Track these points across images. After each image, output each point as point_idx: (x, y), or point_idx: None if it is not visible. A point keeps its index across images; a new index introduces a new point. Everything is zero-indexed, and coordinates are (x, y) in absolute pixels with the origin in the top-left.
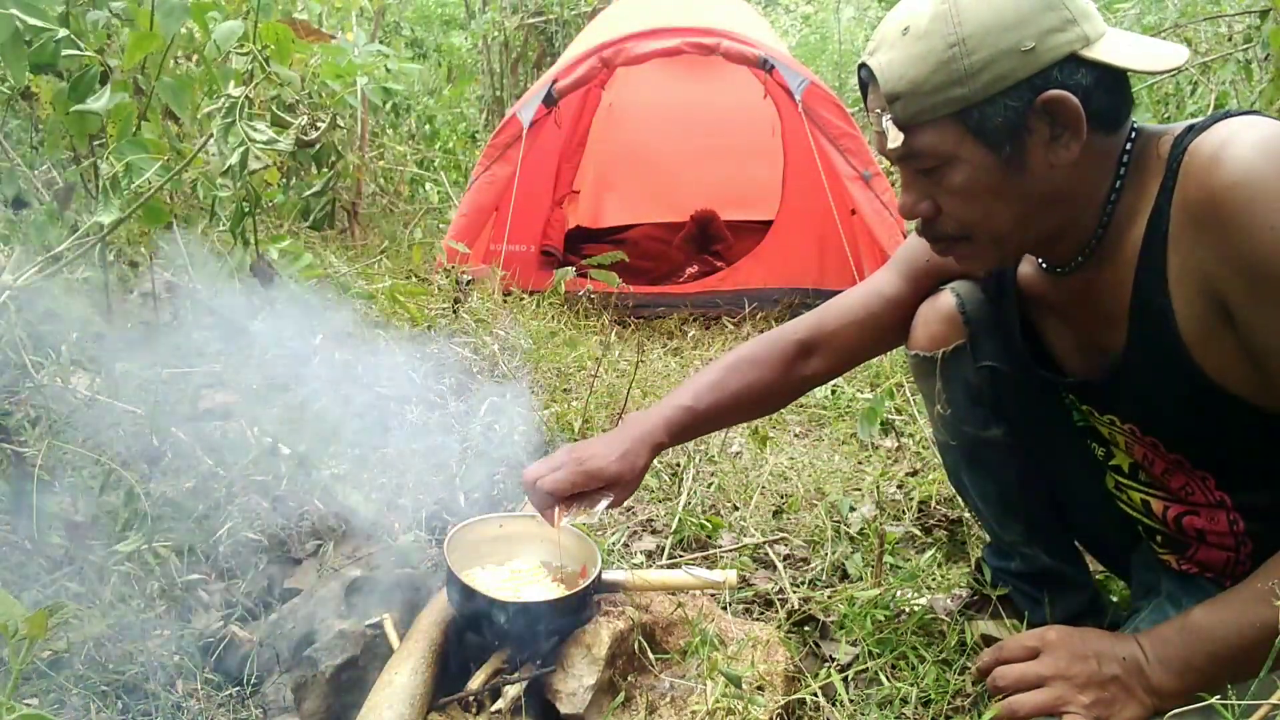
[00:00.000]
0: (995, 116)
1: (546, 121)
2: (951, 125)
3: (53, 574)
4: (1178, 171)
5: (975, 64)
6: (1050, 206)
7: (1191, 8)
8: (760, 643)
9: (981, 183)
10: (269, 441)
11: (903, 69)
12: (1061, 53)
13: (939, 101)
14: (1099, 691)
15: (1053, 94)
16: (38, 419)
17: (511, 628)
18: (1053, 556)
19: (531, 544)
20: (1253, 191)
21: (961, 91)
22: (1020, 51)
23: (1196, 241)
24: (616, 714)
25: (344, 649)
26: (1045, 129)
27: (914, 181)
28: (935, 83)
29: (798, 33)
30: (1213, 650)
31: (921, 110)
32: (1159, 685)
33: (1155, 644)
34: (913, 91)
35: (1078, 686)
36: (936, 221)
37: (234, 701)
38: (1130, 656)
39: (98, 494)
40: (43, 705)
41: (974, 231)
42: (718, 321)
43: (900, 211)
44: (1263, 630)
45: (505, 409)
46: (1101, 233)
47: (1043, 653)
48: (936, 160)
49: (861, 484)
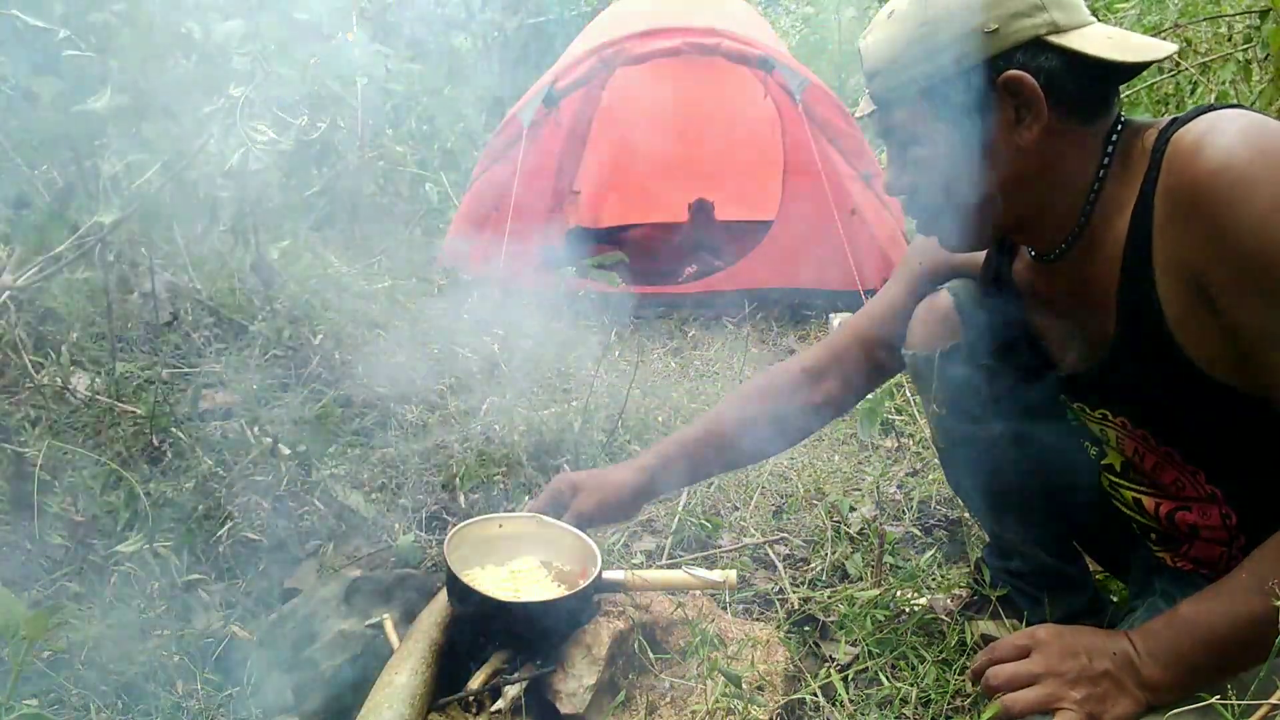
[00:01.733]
0: (958, 95)
1: (546, 121)
2: (919, 102)
3: (53, 574)
4: (1161, 163)
5: (939, 42)
6: (1021, 188)
7: (1191, 8)
8: (760, 643)
9: (947, 158)
10: (269, 441)
11: (880, 48)
12: (1025, 36)
13: (907, 79)
14: (1090, 687)
15: (1011, 74)
16: (38, 419)
17: (511, 628)
18: (1052, 556)
19: (531, 544)
20: (1233, 177)
21: (926, 69)
22: (984, 33)
23: (1180, 229)
24: (616, 714)
25: (344, 649)
26: (1010, 110)
27: (895, 158)
28: (905, 60)
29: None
30: (1202, 642)
31: (893, 87)
32: (1150, 678)
33: (1145, 638)
34: (887, 69)
35: (1069, 683)
36: (915, 196)
37: (234, 701)
38: (1121, 651)
39: (98, 494)
40: (43, 705)
41: (948, 207)
42: (718, 321)
43: (885, 188)
44: (1252, 621)
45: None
46: (1085, 221)
47: (1034, 651)
48: (907, 136)
49: (861, 484)
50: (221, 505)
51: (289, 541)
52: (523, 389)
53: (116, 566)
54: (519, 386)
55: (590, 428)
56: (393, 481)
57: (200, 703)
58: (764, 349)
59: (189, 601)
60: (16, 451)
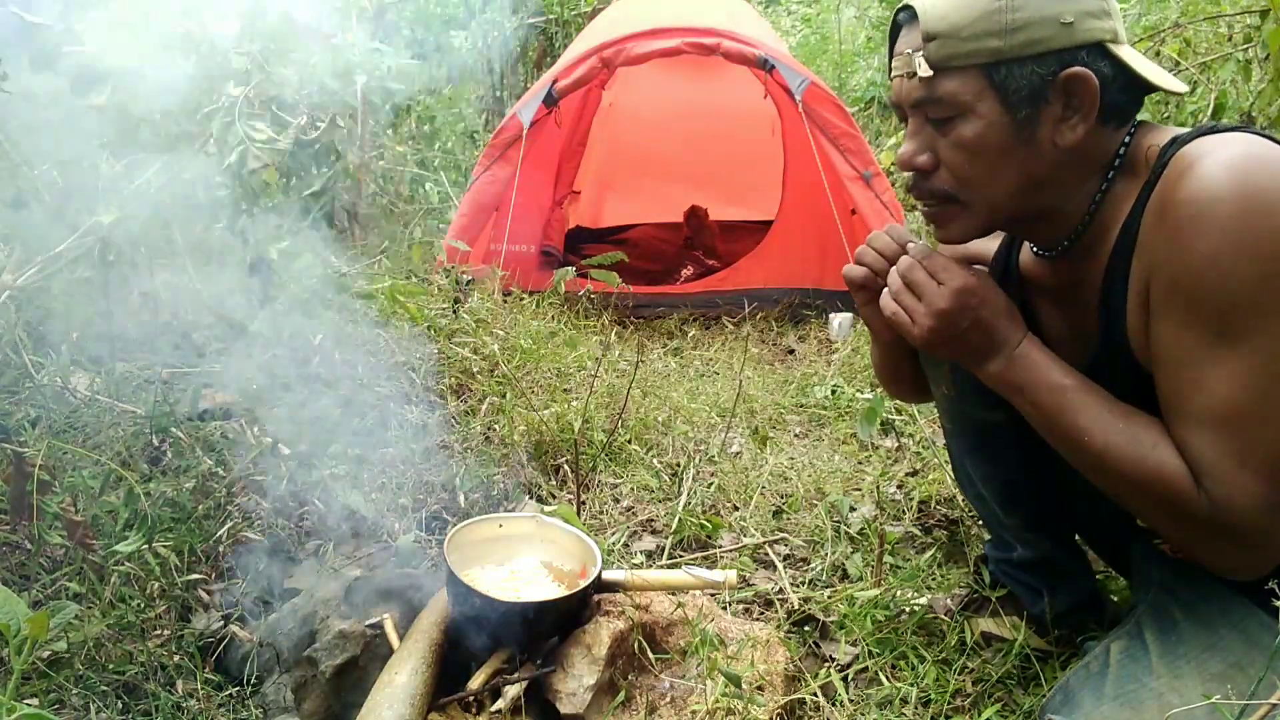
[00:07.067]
0: (1020, 78)
1: (546, 121)
2: (977, 76)
3: (53, 574)
4: (1156, 183)
5: (1016, 21)
6: (1043, 185)
7: (1191, 8)
8: (760, 643)
9: (990, 141)
10: (269, 441)
11: (946, 9)
12: (1094, 36)
13: (973, 50)
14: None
15: (1077, 70)
16: (38, 419)
17: (511, 627)
18: (1054, 545)
19: (531, 544)
20: (1200, 208)
21: (996, 44)
22: (1060, 22)
23: (1151, 245)
24: (616, 714)
25: (344, 649)
26: (1059, 105)
27: (920, 131)
28: (974, 30)
29: (798, 33)
30: (1049, 402)
31: (954, 54)
32: (992, 368)
33: (1027, 363)
34: (951, 34)
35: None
36: (932, 176)
37: (234, 701)
38: (1002, 339)
39: (98, 494)
40: (43, 705)
41: (967, 192)
42: (718, 321)
43: (899, 160)
44: (1078, 436)
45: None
46: (1089, 221)
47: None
48: (953, 110)
49: (861, 484)
50: (221, 505)
51: (289, 541)
52: (523, 389)
53: (116, 566)
54: (519, 386)
55: (590, 428)
56: (393, 481)
57: (200, 703)
58: (764, 349)
59: (189, 601)
60: (16, 451)
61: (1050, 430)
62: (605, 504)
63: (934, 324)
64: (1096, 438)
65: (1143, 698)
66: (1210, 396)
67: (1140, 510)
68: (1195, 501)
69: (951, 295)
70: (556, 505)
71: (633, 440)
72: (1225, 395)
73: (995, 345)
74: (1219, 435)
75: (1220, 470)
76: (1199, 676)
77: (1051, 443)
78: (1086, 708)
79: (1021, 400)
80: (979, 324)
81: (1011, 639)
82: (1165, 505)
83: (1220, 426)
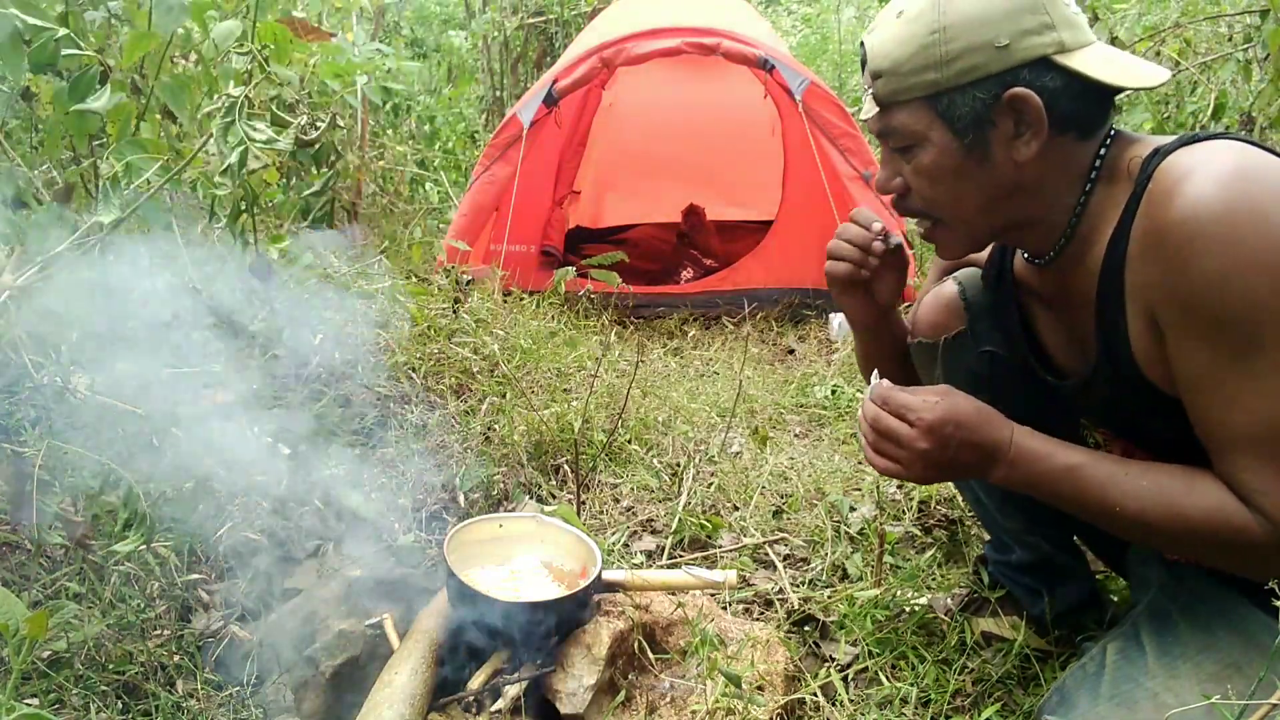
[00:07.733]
0: (963, 105)
1: (546, 121)
2: (923, 108)
3: (52, 574)
4: (1142, 196)
5: (950, 52)
6: (1014, 199)
7: (1191, 8)
8: (760, 643)
9: (945, 166)
10: (268, 441)
11: (887, 48)
12: (1034, 54)
13: (914, 84)
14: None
15: (1017, 91)
16: (38, 419)
17: (511, 627)
18: (1053, 546)
19: (531, 544)
20: (1197, 229)
21: (934, 76)
22: (995, 47)
23: (1146, 265)
24: (616, 714)
25: (344, 649)
26: (1009, 124)
27: (890, 158)
28: (913, 65)
29: (798, 33)
30: (1059, 491)
31: (898, 90)
32: (997, 478)
33: (1020, 462)
34: (893, 70)
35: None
36: (906, 198)
37: (234, 701)
38: (991, 453)
39: (98, 494)
40: (43, 705)
41: (939, 212)
42: (718, 321)
43: (876, 185)
44: (1104, 508)
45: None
46: (1072, 232)
47: (914, 427)
48: (909, 139)
49: (861, 484)
50: (221, 505)
51: (289, 541)
52: (523, 389)
53: (116, 566)
54: (519, 386)
55: (590, 428)
56: (392, 481)
57: (200, 703)
58: (764, 349)
59: (189, 601)
60: (16, 451)
61: (1083, 513)
62: (605, 504)
63: (924, 466)
64: (1130, 506)
65: (1138, 698)
66: (1248, 415)
67: (1205, 557)
68: (1251, 529)
69: (927, 433)
70: (556, 505)
71: (633, 440)
72: (1264, 412)
73: (990, 455)
74: (1267, 454)
75: (1274, 489)
76: (1195, 677)
77: (1094, 523)
78: (1082, 708)
79: (1042, 495)
80: (965, 445)
81: (1011, 639)
82: (1221, 544)
83: (1264, 445)
